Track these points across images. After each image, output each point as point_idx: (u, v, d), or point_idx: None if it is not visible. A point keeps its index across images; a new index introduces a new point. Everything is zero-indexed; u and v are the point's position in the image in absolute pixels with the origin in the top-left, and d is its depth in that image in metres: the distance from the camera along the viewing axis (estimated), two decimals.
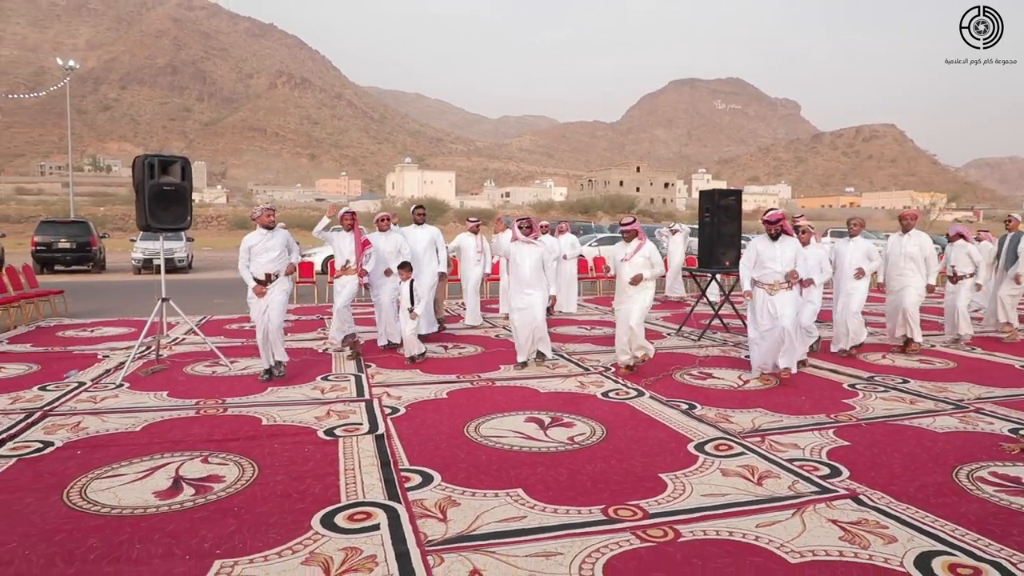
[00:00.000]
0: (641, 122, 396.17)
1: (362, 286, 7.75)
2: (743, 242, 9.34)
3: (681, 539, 3.22)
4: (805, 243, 7.01)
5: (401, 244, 8.04)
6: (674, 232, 14.49)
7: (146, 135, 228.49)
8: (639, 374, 6.78)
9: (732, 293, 9.78)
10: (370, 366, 7.20)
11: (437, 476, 4.01)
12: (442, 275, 9.07)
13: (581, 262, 15.82)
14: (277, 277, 6.48)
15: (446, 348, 8.34)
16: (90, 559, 2.97)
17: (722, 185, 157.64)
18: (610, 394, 6.06)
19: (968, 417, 5.39)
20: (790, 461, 4.33)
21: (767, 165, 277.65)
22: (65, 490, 3.75)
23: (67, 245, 20.33)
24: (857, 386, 6.44)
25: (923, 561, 3.02)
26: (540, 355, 7.18)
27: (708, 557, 3.04)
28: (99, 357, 7.63)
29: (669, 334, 9.53)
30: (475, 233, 10.36)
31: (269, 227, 6.50)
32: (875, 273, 8.11)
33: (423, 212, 9.12)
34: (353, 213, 7.60)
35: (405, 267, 7.43)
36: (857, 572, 2.92)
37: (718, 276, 10.02)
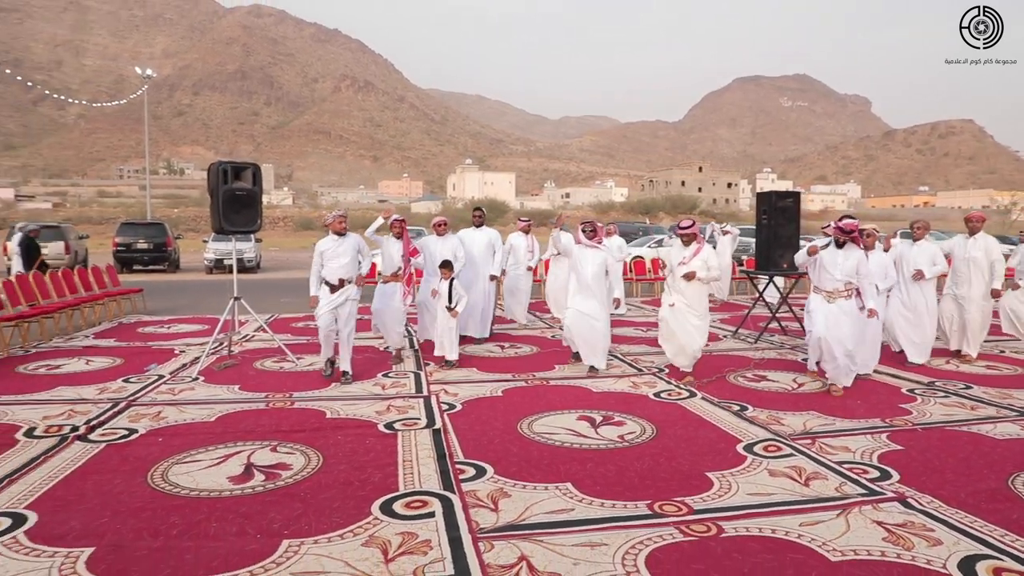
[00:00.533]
0: (704, 121, 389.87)
1: (407, 295, 7.56)
2: (802, 243, 9.23)
3: (723, 534, 3.32)
4: (869, 248, 6.86)
5: (457, 247, 8.08)
6: (725, 233, 14.31)
7: (217, 139, 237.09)
8: (693, 374, 6.81)
9: (789, 295, 9.69)
10: (428, 364, 7.45)
11: (490, 469, 4.20)
12: (493, 278, 9.00)
13: (638, 264, 15.83)
14: (349, 282, 6.57)
15: (502, 348, 8.53)
16: (172, 534, 3.26)
17: (788, 185, 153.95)
18: (662, 395, 6.14)
19: None
20: (839, 463, 4.34)
21: (835, 164, 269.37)
22: (149, 473, 4.08)
23: (145, 246, 21.39)
24: (916, 391, 6.34)
25: (967, 564, 3.03)
26: (592, 368, 6.99)
27: (748, 552, 3.13)
28: (176, 352, 8.10)
29: (725, 336, 9.51)
30: (526, 233, 10.44)
31: (340, 233, 6.59)
32: (943, 276, 7.86)
33: (481, 214, 9.14)
34: (402, 220, 7.62)
35: (446, 266, 7.39)
36: (898, 572, 2.97)
37: (776, 278, 9.93)
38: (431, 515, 3.50)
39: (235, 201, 7.13)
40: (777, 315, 9.50)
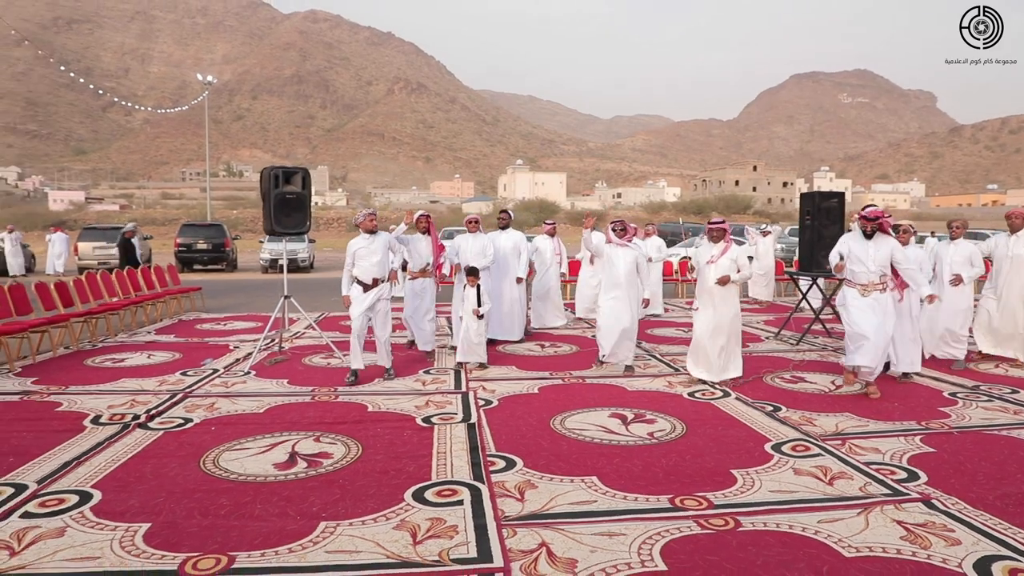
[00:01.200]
0: (759, 119, 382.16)
1: (438, 284, 7.85)
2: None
3: (741, 528, 3.41)
4: (904, 243, 6.76)
5: (487, 246, 8.17)
6: (765, 234, 14.09)
7: (274, 142, 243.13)
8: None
9: (833, 297, 9.57)
10: (468, 361, 7.64)
11: (520, 462, 4.37)
12: (520, 280, 8.91)
13: (684, 264, 15.75)
14: (383, 281, 6.73)
15: (542, 347, 8.69)
16: (220, 514, 3.52)
17: (846, 184, 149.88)
18: (696, 394, 6.20)
19: None
20: (867, 464, 4.37)
21: (898, 161, 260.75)
22: (201, 458, 4.37)
23: (204, 246, 22.25)
24: (959, 395, 6.26)
25: (983, 564, 3.06)
26: (627, 368, 7.07)
27: (763, 546, 3.22)
28: (230, 348, 8.50)
29: (768, 337, 9.47)
30: (551, 236, 10.45)
31: (371, 231, 6.73)
32: (983, 278, 7.70)
33: (507, 217, 9.12)
34: (428, 216, 7.76)
35: (472, 273, 7.32)
36: (911, 570, 3.02)
37: (819, 280, 9.83)
38: (460, 503, 3.69)
39: (285, 204, 7.47)
40: (821, 316, 9.42)
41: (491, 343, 8.20)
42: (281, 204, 7.44)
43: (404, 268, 7.79)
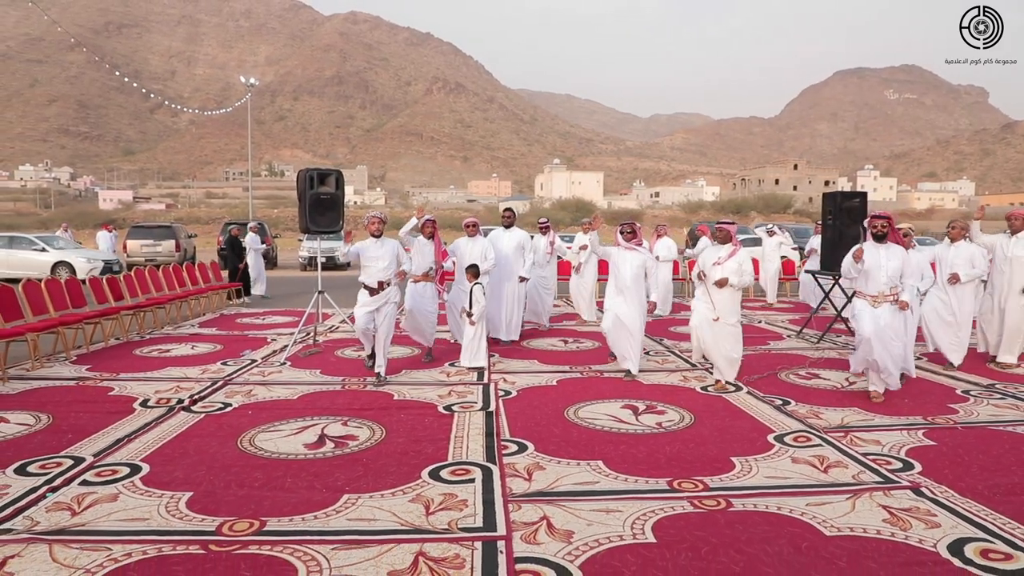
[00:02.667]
0: (802, 116, 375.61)
1: (441, 294, 7.84)
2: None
3: (731, 509, 3.65)
4: (907, 248, 6.84)
5: (487, 249, 8.07)
6: (771, 234, 13.81)
7: (315, 142, 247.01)
8: (741, 373, 6.98)
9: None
10: (493, 356, 7.96)
11: (531, 446, 4.66)
12: (523, 280, 8.75)
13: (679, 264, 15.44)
14: (389, 285, 6.69)
15: (565, 342, 8.95)
16: (255, 486, 3.89)
17: (891, 183, 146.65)
18: (709, 388, 6.41)
19: None
20: (864, 455, 4.56)
21: (946, 159, 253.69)
22: (238, 438, 4.76)
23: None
24: (972, 392, 6.36)
25: (957, 545, 3.26)
26: (627, 372, 6.87)
27: (749, 524, 3.46)
28: (268, 340, 8.95)
29: (790, 335, 9.59)
30: (544, 233, 10.39)
31: (376, 235, 6.74)
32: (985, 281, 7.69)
33: (511, 215, 9.09)
34: (433, 221, 7.67)
35: (472, 270, 7.29)
36: (886, 548, 3.23)
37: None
38: (471, 481, 4.00)
39: (320, 204, 7.87)
40: (842, 314, 9.51)
41: (492, 342, 8.15)
42: (315, 204, 7.84)
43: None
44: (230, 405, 5.68)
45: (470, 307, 7.12)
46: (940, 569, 3.03)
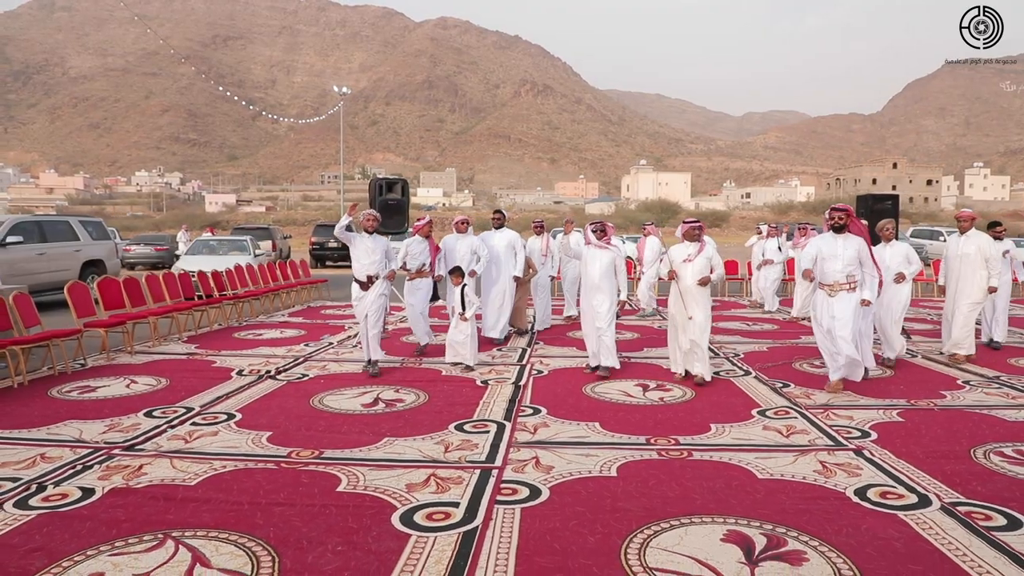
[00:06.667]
0: (906, 112, 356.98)
1: (436, 280, 8.31)
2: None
3: (690, 458, 4.50)
4: (887, 240, 7.30)
5: (478, 247, 8.32)
6: (761, 235, 13.33)
7: (406, 146, 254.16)
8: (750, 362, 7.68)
9: None
10: (539, 344, 8.92)
11: (544, 410, 5.62)
12: (517, 279, 8.95)
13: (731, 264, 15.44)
14: (377, 279, 7.08)
15: None
16: (319, 429, 5.05)
17: (1004, 181, 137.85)
18: (720, 373, 7.14)
19: None
20: (831, 427, 5.25)
21: None
22: (311, 399, 5.96)
23: (335, 245, 24.74)
24: (972, 382, 6.80)
25: (864, 489, 3.99)
26: (605, 369, 6.94)
27: (698, 469, 4.30)
28: (345, 328, 10.24)
29: None
30: (539, 235, 10.45)
31: (369, 231, 7.14)
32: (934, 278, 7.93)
33: (500, 216, 9.31)
34: (430, 222, 8.20)
35: (456, 272, 7.42)
36: (802, 488, 4.00)
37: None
38: (487, 432, 5.00)
39: (388, 208, 9.07)
40: None
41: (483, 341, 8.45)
42: (384, 208, 9.04)
43: (404, 267, 8.15)
44: (307, 376, 6.92)
45: (462, 307, 7.18)
46: (836, 503, 3.79)
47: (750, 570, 3.01)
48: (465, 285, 7.24)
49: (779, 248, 12.88)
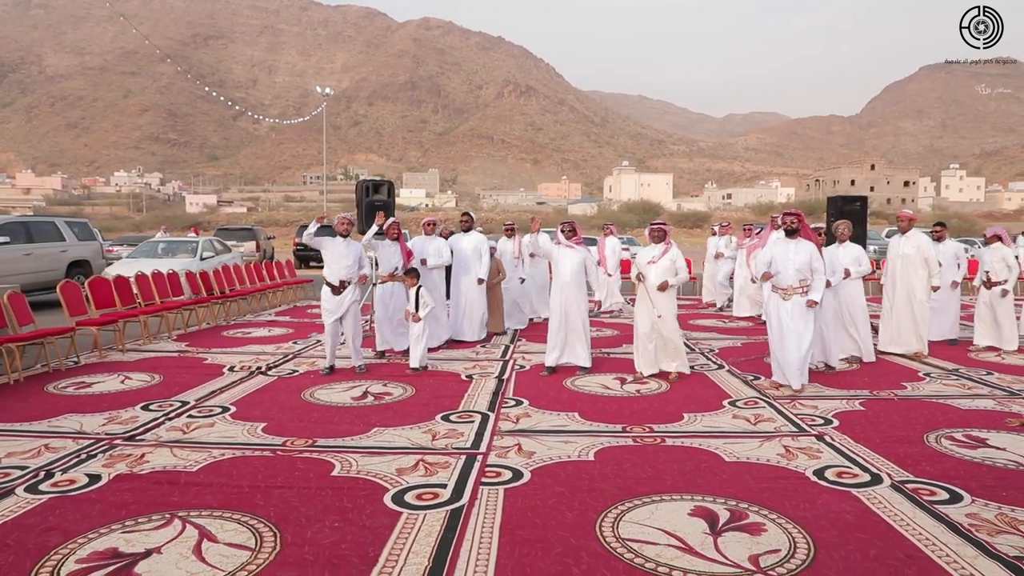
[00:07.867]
0: (884, 114, 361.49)
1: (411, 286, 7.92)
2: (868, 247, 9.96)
3: (663, 444, 4.79)
4: (842, 241, 7.56)
5: (442, 247, 8.53)
6: (715, 233, 13.29)
7: (388, 146, 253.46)
8: (727, 356, 8.02)
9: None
10: (522, 340, 9.20)
11: (526, 402, 5.89)
12: (481, 281, 9.03)
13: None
14: (350, 283, 7.07)
15: None
16: (311, 420, 5.29)
17: (979, 182, 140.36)
18: (695, 367, 7.44)
19: (1008, 400, 6.08)
20: (796, 415, 5.58)
21: None
22: (302, 392, 6.20)
23: None
24: (932, 374, 7.17)
25: (821, 470, 4.30)
26: (581, 368, 7.09)
27: (671, 454, 4.60)
28: None
29: None
30: (510, 237, 10.47)
31: (343, 235, 7.11)
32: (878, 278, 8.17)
33: (468, 219, 9.41)
34: (397, 223, 8.07)
35: (411, 274, 7.38)
36: (765, 469, 4.31)
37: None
38: (471, 422, 5.27)
39: (374, 210, 9.24)
40: None
41: (456, 343, 8.78)
42: (370, 210, 9.23)
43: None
44: (297, 371, 7.15)
45: (416, 309, 7.16)
46: (796, 482, 4.10)
47: (713, 540, 3.30)
48: (420, 287, 7.25)
49: (730, 245, 12.85)
